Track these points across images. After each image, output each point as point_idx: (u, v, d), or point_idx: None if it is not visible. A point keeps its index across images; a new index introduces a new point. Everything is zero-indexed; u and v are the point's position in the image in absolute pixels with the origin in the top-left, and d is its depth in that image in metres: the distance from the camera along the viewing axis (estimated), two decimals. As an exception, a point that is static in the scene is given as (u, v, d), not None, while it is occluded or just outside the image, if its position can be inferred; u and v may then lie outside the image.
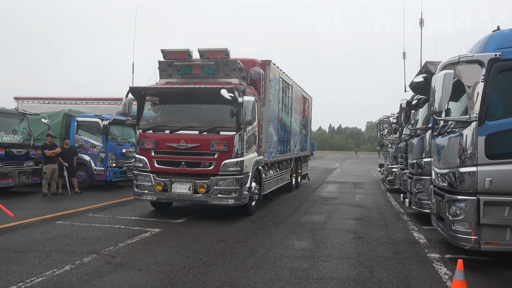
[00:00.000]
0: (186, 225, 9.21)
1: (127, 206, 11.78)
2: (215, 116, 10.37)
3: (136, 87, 10.61)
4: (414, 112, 11.36)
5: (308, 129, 20.03)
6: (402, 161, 13.87)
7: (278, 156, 13.59)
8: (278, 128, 13.32)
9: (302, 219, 10.19)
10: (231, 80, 10.51)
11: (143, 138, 10.30)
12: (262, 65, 11.78)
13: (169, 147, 9.98)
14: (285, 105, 14.30)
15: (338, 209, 12.10)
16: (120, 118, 16.51)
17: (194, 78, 10.68)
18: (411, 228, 9.42)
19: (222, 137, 9.82)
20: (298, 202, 13.24)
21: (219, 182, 9.75)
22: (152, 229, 8.66)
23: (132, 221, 9.49)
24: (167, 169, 10.09)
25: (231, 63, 10.43)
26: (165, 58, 10.69)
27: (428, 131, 9.36)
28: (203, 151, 9.82)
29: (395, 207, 12.61)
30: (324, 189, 17.86)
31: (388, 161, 19.44)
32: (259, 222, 9.68)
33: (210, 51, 10.32)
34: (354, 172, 31.36)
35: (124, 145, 16.06)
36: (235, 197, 9.79)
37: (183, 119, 10.43)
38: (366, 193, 16.34)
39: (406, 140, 13.17)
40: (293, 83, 15.48)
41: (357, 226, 9.49)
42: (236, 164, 9.84)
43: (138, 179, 10.26)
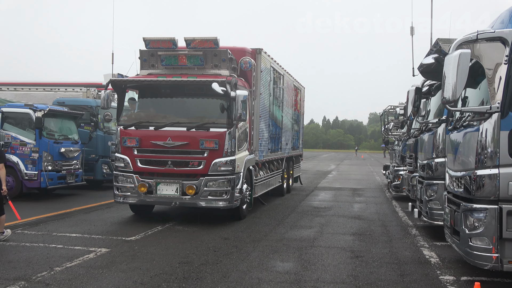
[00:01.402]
0: (141, 243, 9.14)
1: (66, 220, 11.65)
2: (204, 111, 11.39)
3: (117, 79, 11.60)
4: (425, 101, 11.51)
5: (300, 125, 20.99)
6: (411, 161, 14.06)
7: (269, 155, 14.62)
8: (269, 123, 14.36)
9: (287, 235, 10.24)
10: (221, 71, 11.44)
11: (125, 135, 11.17)
12: (253, 54, 12.74)
13: (154, 145, 10.95)
14: (276, 97, 15.35)
15: (332, 221, 12.21)
16: (58, 109, 16.29)
17: (179, 69, 11.58)
18: (420, 244, 9.56)
19: (212, 134, 10.81)
20: (282, 213, 13.31)
21: (209, 183, 10.78)
22: (98, 249, 8.58)
23: (73, 239, 9.38)
24: (152, 169, 11.09)
25: (220, 53, 11.34)
26: (147, 47, 11.53)
27: (441, 125, 9.51)
28: (192, 149, 10.82)
29: (402, 219, 12.79)
30: (316, 197, 18.01)
31: (394, 162, 19.69)
32: (233, 239, 9.69)
33: (197, 40, 11.18)
34: (353, 175, 31.69)
35: (63, 142, 15.84)
36: (226, 199, 10.87)
37: (169, 115, 11.38)
38: (367, 202, 16.54)
39: (415, 135, 13.35)
40: (285, 72, 16.55)
41: (355, 243, 9.57)
42: (227, 163, 10.87)
43: (119, 180, 11.24)
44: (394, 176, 17.43)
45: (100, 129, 18.28)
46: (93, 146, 17.94)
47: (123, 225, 11.11)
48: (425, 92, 10.73)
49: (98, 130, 18.16)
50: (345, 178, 28.57)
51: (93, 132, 17.80)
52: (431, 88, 10.85)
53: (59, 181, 15.51)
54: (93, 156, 18.10)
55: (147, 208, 12.47)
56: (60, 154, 15.59)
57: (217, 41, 11.25)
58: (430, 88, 10.86)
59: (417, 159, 13.27)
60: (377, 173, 33.34)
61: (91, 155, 18.00)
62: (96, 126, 18.04)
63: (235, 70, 12.11)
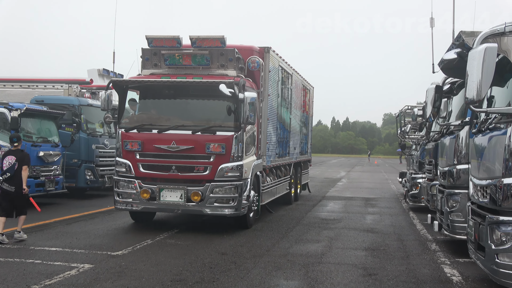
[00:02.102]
0: (128, 258, 9.12)
1: (45, 232, 11.63)
2: (210, 113, 11.96)
3: (119, 79, 12.35)
4: (447, 101, 11.51)
5: (309, 127, 21.61)
6: (430, 168, 14.06)
7: (277, 161, 15.17)
8: (277, 126, 14.92)
9: (292, 250, 10.23)
10: (228, 71, 12.03)
11: (126, 138, 11.70)
12: (261, 53, 13.30)
13: (158, 149, 11.49)
14: (284, 98, 15.92)
15: (342, 235, 12.20)
16: (37, 108, 16.29)
17: (183, 69, 12.21)
18: (441, 261, 9.54)
19: (219, 138, 11.34)
20: (286, 225, 13.30)
21: (216, 189, 11.32)
22: (80, 264, 8.57)
23: (52, 254, 9.37)
24: (155, 174, 11.63)
25: (227, 52, 11.96)
26: (150, 45, 12.14)
27: (464, 127, 9.50)
28: (197, 153, 11.37)
29: (420, 232, 12.78)
30: (324, 207, 18.01)
31: (412, 168, 19.67)
32: (231, 254, 9.69)
33: (203, 38, 11.81)
34: (366, 183, 31.69)
35: (41, 145, 15.82)
36: (233, 206, 11.38)
37: (172, 117, 11.97)
38: (382, 213, 16.54)
39: (435, 139, 13.35)
40: (293, 71, 17.10)
41: (368, 259, 9.56)
42: (234, 168, 11.41)
43: (120, 186, 11.76)
44: (411, 184, 17.42)
45: (83, 131, 18.19)
46: (75, 150, 17.86)
47: (108, 238, 11.09)
48: (446, 91, 10.73)
49: (81, 132, 18.05)
50: (357, 187, 28.56)
51: (76, 134, 17.68)
52: (453, 86, 10.85)
53: (37, 189, 15.44)
54: (75, 160, 18.05)
55: (148, 215, 12.98)
56: (39, 158, 15.57)
57: (224, 40, 11.77)
58: (452, 86, 10.85)
59: (437, 165, 13.27)
60: (393, 181, 33.31)
61: (73, 159, 17.95)
62: (79, 128, 17.91)
63: (242, 70, 12.61)
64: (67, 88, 19.84)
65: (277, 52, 14.54)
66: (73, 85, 19.90)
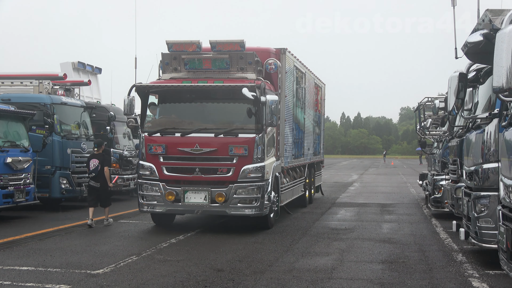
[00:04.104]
0: (110, 277, 9.10)
1: (15, 249, 11.60)
2: (231, 116, 13.83)
3: (143, 85, 13.88)
4: (472, 91, 11.50)
5: (321, 127, 23.43)
6: (455, 168, 14.05)
7: (293, 162, 17.05)
8: (293, 127, 16.72)
9: (298, 265, 10.23)
10: (247, 75, 13.74)
11: (150, 142, 13.49)
12: (277, 55, 15.21)
13: (181, 152, 13.24)
14: (299, 98, 17.73)
15: (355, 246, 12.21)
16: (3, 108, 16.23)
17: (203, 72, 13.91)
18: (468, 273, 9.54)
19: (241, 140, 13.11)
20: (291, 237, 13.32)
21: (239, 190, 13.06)
22: (56, 285, 8.55)
23: (24, 274, 9.34)
24: (179, 176, 13.37)
25: (247, 56, 13.68)
26: (170, 50, 13.89)
27: (493, 121, 9.49)
28: (220, 155, 13.11)
29: (445, 242, 12.80)
30: (334, 215, 18.04)
31: (433, 169, 19.67)
32: (228, 270, 9.69)
33: (223, 43, 13.60)
34: (381, 187, 31.73)
35: (9, 151, 15.78)
36: (256, 206, 13.13)
37: (195, 120, 13.75)
38: (400, 221, 16.55)
39: (460, 135, 13.34)
40: (306, 70, 19.08)
41: (385, 273, 9.55)
42: (257, 170, 13.17)
43: (143, 189, 13.55)
44: (433, 187, 17.42)
45: (56, 133, 18.11)
46: (48, 155, 17.83)
47: (88, 254, 11.06)
48: (471, 79, 10.72)
49: (54, 135, 18.00)
50: (371, 191, 28.59)
51: (48, 137, 17.67)
52: (479, 73, 10.85)
53: (4, 200, 15.41)
54: (48, 167, 18.00)
55: (169, 217, 14.78)
56: (6, 165, 15.53)
57: (244, 44, 13.53)
58: (478, 74, 10.85)
59: (462, 165, 13.26)
60: (412, 184, 33.34)
61: (46, 166, 17.92)
62: (52, 129, 17.82)
63: (260, 72, 14.28)
64: (37, 84, 19.74)
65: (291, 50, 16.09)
66: (44, 81, 19.80)
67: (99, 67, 25.97)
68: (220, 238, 13.03)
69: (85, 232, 13.96)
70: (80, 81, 22.79)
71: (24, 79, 20.45)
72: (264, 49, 15.03)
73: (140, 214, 17.33)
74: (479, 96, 11.07)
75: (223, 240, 12.74)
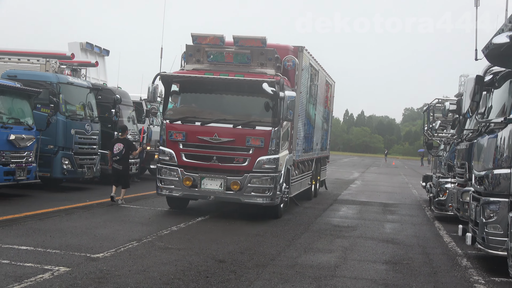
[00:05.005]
0: (110, 262, 8.99)
1: (14, 228, 11.50)
2: (250, 109, 14.64)
3: (167, 74, 14.69)
4: (486, 95, 11.33)
5: (329, 123, 24.60)
6: (462, 172, 13.90)
7: (303, 156, 17.90)
8: (305, 122, 17.58)
9: (301, 260, 10.13)
10: (267, 70, 14.47)
11: (171, 129, 14.31)
12: (295, 52, 16.07)
13: (201, 140, 14.00)
14: (311, 95, 18.62)
15: (358, 245, 12.10)
16: (8, 84, 16.07)
17: (225, 65, 14.67)
18: (474, 279, 9.41)
19: (258, 132, 13.88)
20: (293, 231, 13.21)
21: (253, 179, 13.85)
22: (54, 267, 8.44)
23: (23, 253, 9.24)
24: (197, 163, 14.17)
25: (267, 52, 14.48)
26: (194, 42, 14.73)
27: (508, 126, 9.33)
28: (238, 146, 13.90)
29: (449, 245, 12.67)
30: (335, 212, 17.94)
31: (439, 171, 19.52)
32: (230, 262, 9.58)
33: (246, 38, 14.45)
34: (383, 187, 31.62)
35: (13, 128, 15.63)
36: (268, 196, 13.93)
37: (214, 111, 14.59)
38: (402, 222, 16.43)
39: (470, 138, 13.18)
40: (320, 68, 19.95)
41: (389, 274, 9.44)
42: (271, 161, 13.94)
43: (162, 173, 14.35)
44: (437, 189, 17.25)
45: (61, 113, 17.89)
46: (51, 135, 17.66)
47: (88, 237, 10.96)
48: (487, 83, 10.55)
49: (58, 114, 17.79)
50: (373, 190, 28.48)
51: (52, 116, 17.48)
52: (495, 77, 10.67)
53: (5, 178, 15.31)
54: (51, 147, 17.83)
55: (184, 202, 15.48)
56: (9, 142, 15.40)
57: (265, 40, 14.34)
58: (494, 78, 10.67)
59: (470, 169, 13.10)
60: (414, 186, 33.24)
61: (49, 145, 17.74)
62: (57, 109, 17.59)
63: (279, 68, 14.98)
64: (44, 63, 19.58)
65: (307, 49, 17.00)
66: (51, 60, 19.63)
67: (107, 49, 25.80)
68: (222, 229, 12.94)
69: (85, 214, 13.84)
70: (87, 62, 22.66)
71: (31, 56, 20.28)
72: (283, 46, 15.78)
73: (141, 199, 17.37)
74: (493, 100, 10.89)
75: (225, 231, 12.66)
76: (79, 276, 8.06)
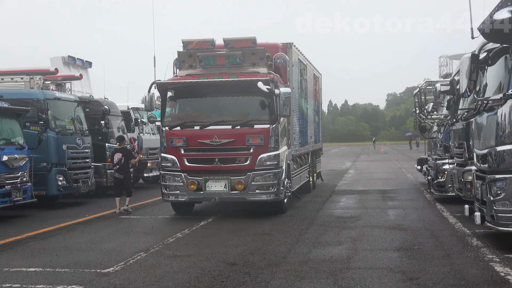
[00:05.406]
0: (122, 275, 8.86)
1: (18, 250, 11.31)
2: (247, 108, 14.84)
3: (163, 82, 14.95)
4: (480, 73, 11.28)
5: (320, 116, 24.83)
6: (461, 152, 13.89)
7: (300, 150, 18.14)
8: (299, 117, 17.83)
9: (312, 255, 10.07)
10: (259, 69, 14.69)
11: (171, 135, 14.51)
12: (284, 49, 16.41)
13: (201, 143, 14.25)
14: (303, 89, 18.96)
15: (366, 234, 12.05)
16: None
17: (217, 68, 14.94)
18: (488, 258, 9.37)
19: (257, 131, 14.13)
20: (298, 226, 13.13)
21: (256, 177, 14.12)
22: (67, 286, 8.31)
23: (32, 275, 9.09)
24: (200, 167, 14.44)
25: (258, 51, 14.73)
26: (185, 48, 14.97)
27: (507, 102, 9.30)
28: (238, 146, 14.15)
29: (455, 226, 12.63)
30: (336, 203, 17.91)
31: (435, 153, 19.52)
32: (242, 264, 9.46)
33: (236, 40, 14.69)
34: (377, 174, 31.66)
35: (4, 149, 15.40)
36: (273, 192, 14.21)
37: (212, 113, 14.77)
38: (404, 207, 16.40)
39: (466, 118, 13.16)
40: (308, 62, 20.25)
41: (403, 261, 9.38)
42: (272, 158, 14.21)
43: (166, 180, 14.62)
44: (436, 171, 17.26)
45: (51, 129, 17.65)
46: (43, 152, 17.35)
47: (94, 252, 10.81)
48: (482, 60, 10.50)
49: (49, 131, 17.56)
50: (368, 178, 28.49)
51: (43, 133, 17.22)
52: (488, 55, 10.62)
53: (2, 200, 15.06)
54: (44, 164, 17.53)
55: (190, 206, 15.69)
56: (2, 164, 15.16)
57: (255, 40, 14.61)
58: (487, 55, 10.62)
59: (469, 148, 13.08)
60: (407, 170, 33.26)
61: (42, 163, 17.44)
62: (46, 126, 17.33)
63: (270, 66, 15.24)
64: (28, 80, 19.39)
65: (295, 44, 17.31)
66: (35, 77, 19.44)
67: (89, 61, 25.54)
68: (227, 231, 12.83)
69: (87, 229, 13.65)
70: (72, 75, 22.39)
71: (14, 75, 20.09)
72: (272, 44, 16.07)
73: (140, 209, 17.23)
74: (488, 78, 10.85)
75: (230, 233, 12.55)
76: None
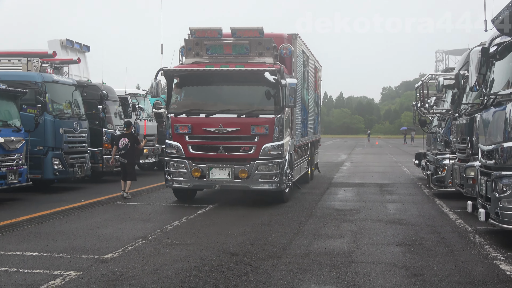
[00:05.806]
0: (121, 263, 8.71)
1: (14, 233, 11.14)
2: (252, 98, 14.96)
3: (170, 69, 15.05)
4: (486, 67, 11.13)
5: (319, 107, 25.17)
6: (464, 147, 13.76)
7: (301, 140, 18.37)
8: (301, 108, 17.94)
9: (313, 247, 9.94)
10: (265, 59, 14.77)
11: (176, 122, 14.63)
12: (289, 40, 16.49)
13: (206, 131, 14.36)
14: (305, 80, 19.10)
15: (366, 228, 11.95)
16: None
17: (224, 57, 14.96)
18: (493, 256, 9.26)
19: (262, 120, 14.25)
20: (297, 218, 13.00)
21: (260, 166, 14.23)
22: (64, 272, 8.15)
23: (29, 259, 8.94)
24: (204, 154, 14.55)
25: (265, 42, 14.80)
26: (192, 36, 15.06)
27: (517, 97, 9.16)
28: (243, 135, 14.29)
29: (456, 223, 12.52)
30: (334, 196, 17.82)
31: (435, 148, 19.39)
32: (243, 254, 9.32)
33: (243, 29, 14.82)
34: (373, 167, 31.61)
35: (1, 130, 15.17)
36: (276, 181, 14.33)
37: (217, 102, 14.94)
38: (403, 201, 16.31)
39: (470, 113, 13.02)
40: (310, 53, 20.37)
41: (406, 257, 9.26)
42: (276, 147, 14.36)
43: (170, 166, 14.75)
44: (436, 166, 17.12)
45: (48, 112, 17.40)
46: (40, 135, 17.16)
47: (91, 238, 10.64)
48: (491, 54, 10.34)
49: (46, 114, 17.30)
50: (364, 171, 28.41)
51: (40, 116, 16.98)
52: (497, 49, 10.46)
53: (-3, 182, 14.93)
54: (40, 148, 17.33)
55: (192, 192, 15.90)
56: (-2, 146, 14.99)
57: (262, 30, 14.67)
58: (496, 49, 10.46)
59: (473, 143, 12.94)
60: (403, 164, 33.26)
61: (38, 146, 17.25)
62: (44, 109, 17.08)
63: (276, 57, 15.32)
64: (25, 62, 19.03)
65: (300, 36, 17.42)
66: (33, 59, 19.13)
67: (87, 45, 25.27)
68: (225, 220, 12.71)
69: (83, 214, 13.47)
70: (70, 59, 22.13)
71: (12, 56, 19.76)
72: (278, 35, 16.20)
73: (137, 195, 17.07)
74: (496, 72, 10.70)
75: (229, 222, 12.42)
76: (92, 280, 7.76)
